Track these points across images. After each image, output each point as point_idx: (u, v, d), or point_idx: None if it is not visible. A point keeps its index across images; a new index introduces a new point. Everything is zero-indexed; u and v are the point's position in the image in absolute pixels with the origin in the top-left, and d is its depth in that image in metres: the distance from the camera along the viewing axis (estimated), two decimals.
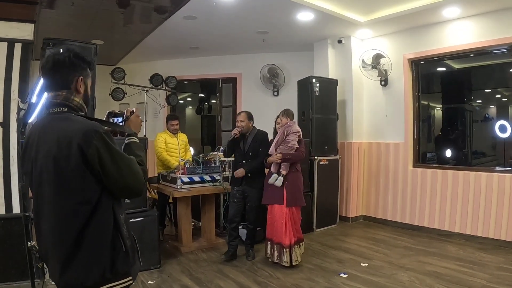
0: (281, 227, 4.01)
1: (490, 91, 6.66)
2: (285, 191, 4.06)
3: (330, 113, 5.88)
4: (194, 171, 4.59)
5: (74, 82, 1.50)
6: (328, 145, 5.76)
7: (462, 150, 6.30)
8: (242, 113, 4.36)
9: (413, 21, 5.47)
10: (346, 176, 6.20)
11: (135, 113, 1.81)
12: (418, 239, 5.21)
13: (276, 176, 4.07)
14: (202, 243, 4.81)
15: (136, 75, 7.38)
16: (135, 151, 1.62)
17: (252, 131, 4.36)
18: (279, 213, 4.05)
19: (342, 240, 5.24)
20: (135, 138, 1.71)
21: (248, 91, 7.52)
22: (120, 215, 1.49)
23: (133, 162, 1.50)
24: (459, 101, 6.49)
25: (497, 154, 6.05)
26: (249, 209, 4.33)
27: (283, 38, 6.37)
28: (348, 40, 6.21)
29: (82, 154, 1.34)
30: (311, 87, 5.62)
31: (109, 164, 1.39)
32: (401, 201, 5.86)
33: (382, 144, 6.11)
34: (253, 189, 4.27)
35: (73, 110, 1.49)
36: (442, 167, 5.57)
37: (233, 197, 4.34)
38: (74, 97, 1.50)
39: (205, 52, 7.33)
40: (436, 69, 6.28)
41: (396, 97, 5.93)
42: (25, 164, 1.51)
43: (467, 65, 6.27)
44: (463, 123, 6.67)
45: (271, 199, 4.12)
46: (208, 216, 4.87)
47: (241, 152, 4.32)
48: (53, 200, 1.38)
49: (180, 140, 5.55)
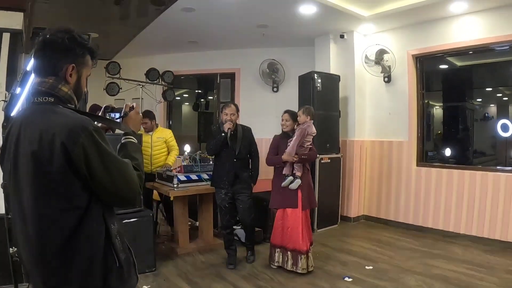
0: (298, 232, 3.75)
1: (491, 90, 6.56)
2: (300, 193, 3.81)
3: (332, 109, 5.70)
4: (191, 169, 4.39)
5: (64, 69, 1.29)
6: (330, 143, 5.59)
7: (464, 149, 6.17)
8: (232, 105, 3.94)
9: (419, 16, 5.30)
10: (347, 175, 6.03)
11: (135, 109, 1.60)
12: (423, 240, 5.06)
13: (292, 178, 3.80)
14: (199, 244, 4.62)
15: (132, 70, 7.16)
16: (131, 153, 1.41)
17: (238, 127, 4.03)
18: (294, 217, 3.78)
19: (344, 241, 5.07)
20: (133, 138, 1.49)
21: (247, 87, 7.32)
22: (112, 224, 1.29)
23: (128, 167, 1.30)
24: (460, 99, 6.34)
25: (497, 154, 5.96)
26: (242, 211, 3.98)
27: (283, 32, 6.17)
28: (351, 35, 6.03)
29: (66, 154, 1.14)
30: (313, 83, 5.43)
31: (97, 168, 1.19)
32: (404, 201, 5.71)
33: (385, 142, 5.95)
34: (244, 191, 3.96)
35: (61, 101, 1.28)
36: (447, 167, 5.42)
37: (222, 201, 3.97)
38: (61, 86, 1.28)
39: (203, 46, 7.12)
40: (438, 67, 6.11)
41: (399, 94, 5.76)
42: (5, 162, 1.31)
43: (469, 62, 6.15)
44: (464, 122, 6.55)
45: (284, 203, 3.84)
46: (205, 216, 4.68)
47: (230, 151, 3.90)
48: (33, 206, 1.18)
49: (155, 137, 5.03)
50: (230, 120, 3.87)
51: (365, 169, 6.15)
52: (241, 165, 3.97)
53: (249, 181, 4.02)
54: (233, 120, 3.91)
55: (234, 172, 3.90)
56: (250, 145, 4.06)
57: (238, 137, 3.97)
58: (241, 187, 3.95)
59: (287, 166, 3.85)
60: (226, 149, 3.91)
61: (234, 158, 3.92)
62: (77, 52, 1.31)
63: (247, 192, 3.97)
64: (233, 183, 3.91)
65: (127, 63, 7.17)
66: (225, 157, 3.94)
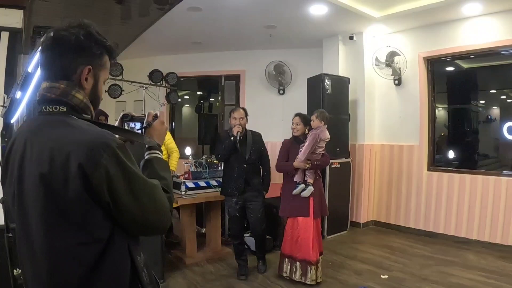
0: (308, 242, 3.56)
1: (495, 92, 6.49)
2: (312, 201, 3.63)
3: (342, 113, 5.56)
4: (199, 175, 4.23)
5: (79, 72, 1.07)
6: (340, 147, 5.44)
7: (471, 153, 6.06)
8: (240, 109, 3.82)
9: (431, 18, 5.18)
10: (357, 180, 5.88)
11: (159, 118, 1.37)
12: (435, 246, 4.93)
13: (303, 186, 3.61)
14: (207, 253, 4.45)
15: (134, 71, 6.97)
16: (159, 172, 1.21)
17: (248, 132, 3.87)
18: (305, 226, 3.59)
19: (356, 248, 4.92)
20: (159, 153, 1.28)
21: (252, 89, 7.16)
22: (138, 256, 1.10)
23: (157, 190, 1.10)
24: (465, 101, 6.26)
25: (500, 156, 5.87)
26: (254, 220, 3.82)
27: (291, 33, 6.03)
28: (360, 36, 5.89)
29: (84, 179, 0.93)
30: (322, 85, 5.28)
31: (124, 194, 0.99)
32: (415, 206, 5.57)
33: (395, 146, 5.81)
34: (256, 199, 3.80)
35: (75, 111, 1.06)
36: (459, 171, 5.29)
37: (232, 210, 3.81)
38: (76, 93, 1.06)
39: (208, 47, 6.96)
40: (444, 69, 5.98)
41: (410, 97, 5.63)
42: (6, 184, 1.09)
43: (476, 65, 6.07)
44: (470, 124, 6.44)
45: (295, 211, 3.66)
46: (213, 224, 4.51)
47: (240, 156, 3.74)
48: (43, 239, 0.97)
49: None
50: (239, 125, 3.72)
51: (375, 174, 6.01)
52: (251, 170, 3.80)
53: (261, 188, 3.86)
54: (242, 124, 3.76)
55: (245, 178, 3.74)
56: (260, 151, 3.89)
57: (248, 141, 3.81)
58: (252, 194, 3.78)
59: (298, 173, 3.67)
60: (236, 154, 3.75)
61: (244, 163, 3.75)
62: (94, 51, 1.09)
63: (258, 200, 3.80)
64: (243, 190, 3.75)
65: (129, 65, 6.98)
66: (234, 163, 3.78)
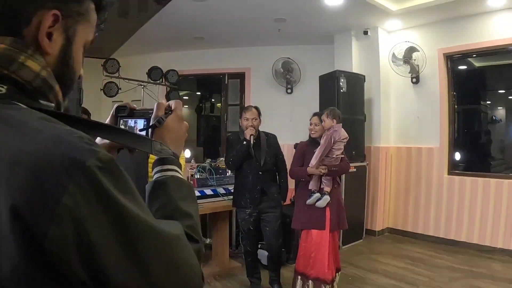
0: (324, 258, 3.13)
1: (504, 92, 6.15)
2: (329, 212, 3.20)
3: (357, 113, 5.16)
4: (205, 182, 3.81)
5: (36, 22, 0.58)
6: (355, 150, 5.04)
7: (486, 156, 5.70)
8: (253, 109, 3.40)
9: (452, 11, 4.80)
10: (372, 185, 5.49)
11: (176, 111, 0.81)
12: (459, 256, 4.56)
13: (318, 195, 3.19)
14: (214, 269, 4.02)
15: (132, 69, 6.56)
16: (179, 204, 0.70)
17: (261, 134, 3.44)
18: (320, 240, 3.16)
19: (375, 259, 4.53)
20: (177, 170, 0.76)
21: (258, 88, 6.71)
22: None
23: (179, 243, 0.58)
24: (475, 102, 5.95)
25: (506, 158, 5.60)
26: (270, 234, 3.38)
27: (301, 27, 5.62)
28: (375, 31, 5.50)
29: (28, 237, 0.45)
30: (337, 83, 4.89)
31: (114, 262, 0.48)
32: (434, 213, 5.19)
33: (413, 148, 5.42)
34: (273, 210, 3.37)
35: (23, 92, 0.56)
36: (483, 175, 4.92)
37: (246, 223, 3.39)
38: (27, 60, 0.57)
39: (210, 43, 6.53)
40: (457, 67, 5.60)
41: (429, 96, 5.25)
42: None
43: (489, 63, 5.72)
44: (479, 125, 6.11)
45: (308, 223, 3.23)
46: (220, 235, 4.09)
47: (254, 162, 3.33)
48: None
49: None
50: (252, 126, 3.29)
51: (390, 178, 5.62)
52: (268, 178, 3.38)
53: (278, 198, 3.43)
54: (256, 125, 3.33)
55: (261, 187, 3.31)
56: (276, 155, 3.47)
57: (262, 145, 3.38)
58: (268, 205, 3.34)
59: (313, 180, 3.22)
60: (249, 161, 3.32)
61: (260, 170, 3.31)
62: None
63: (276, 211, 3.37)
64: (259, 200, 3.32)
65: (126, 62, 6.57)
66: (248, 170, 3.34)
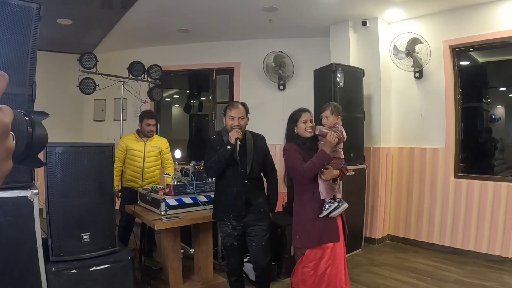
0: (340, 271, 2.70)
1: (505, 90, 5.78)
2: (341, 221, 2.80)
3: (356, 111, 4.71)
4: (184, 190, 3.34)
5: None
6: (354, 152, 4.59)
7: (491, 157, 5.30)
8: (239, 105, 2.88)
9: (459, 0, 4.37)
10: (371, 189, 5.06)
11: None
12: (466, 268, 4.16)
13: (335, 204, 2.70)
14: (196, 285, 3.57)
15: (112, 65, 6.12)
16: None
17: (247, 135, 2.94)
18: (334, 254, 2.70)
19: (375, 273, 4.08)
20: None
21: (248, 85, 6.25)
22: None
23: None
24: (478, 99, 5.54)
25: (506, 158, 5.28)
26: (256, 251, 2.88)
27: (294, 17, 5.16)
28: (374, 22, 5.06)
29: None
30: (333, 78, 4.44)
31: None
32: (439, 219, 4.76)
33: (416, 149, 4.98)
34: (259, 223, 2.87)
35: None
36: (493, 178, 4.50)
37: (228, 238, 2.88)
38: None
39: (196, 36, 6.07)
40: (462, 61, 5.17)
41: (434, 92, 4.82)
42: None
43: (493, 58, 5.31)
44: (482, 124, 5.71)
45: (323, 238, 2.71)
46: (203, 249, 3.62)
47: (239, 169, 2.83)
48: None
49: (150, 146, 4.14)
50: (238, 126, 2.78)
51: (391, 182, 5.18)
52: (254, 187, 2.88)
53: (266, 209, 2.93)
54: (242, 126, 2.82)
55: (246, 198, 2.82)
56: (264, 160, 2.99)
57: (248, 149, 2.87)
58: (254, 217, 2.85)
59: (325, 188, 2.70)
60: (233, 167, 2.82)
61: (245, 178, 2.82)
62: None
63: (263, 224, 2.87)
64: (244, 213, 2.83)
65: (106, 58, 6.13)
66: (232, 178, 2.83)
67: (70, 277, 2.46)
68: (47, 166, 2.51)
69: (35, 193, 2.29)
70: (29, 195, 2.27)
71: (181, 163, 4.41)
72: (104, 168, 2.71)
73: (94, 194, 2.66)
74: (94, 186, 2.65)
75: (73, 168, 2.58)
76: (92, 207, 2.65)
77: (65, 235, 2.54)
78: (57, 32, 5.66)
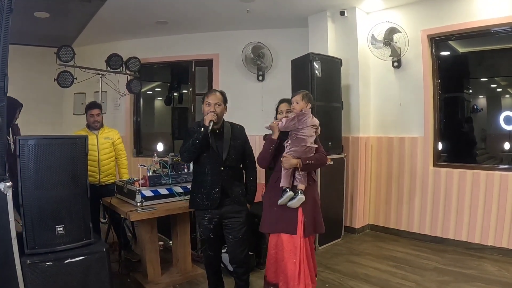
0: (294, 268, 2.63)
1: (486, 80, 5.87)
2: (302, 213, 2.70)
3: (334, 100, 4.71)
4: (159, 181, 3.31)
5: None
6: (332, 141, 4.60)
7: (471, 146, 5.37)
8: (217, 93, 2.85)
9: None
10: (351, 178, 5.08)
11: None
12: (446, 256, 4.21)
13: (291, 194, 2.68)
14: (174, 276, 3.54)
15: (90, 58, 6.03)
16: None
17: (225, 124, 2.93)
18: (290, 247, 2.67)
19: (354, 262, 4.12)
20: None
21: (227, 76, 6.22)
22: None
23: None
24: (459, 90, 5.58)
25: (488, 148, 5.36)
26: (233, 244, 2.85)
27: (271, 9, 5.14)
28: (352, 12, 5.07)
29: None
30: (310, 68, 4.43)
31: None
32: (419, 208, 4.82)
33: (394, 138, 5.02)
34: (236, 215, 2.85)
35: None
36: (471, 167, 4.54)
37: (205, 230, 2.86)
38: None
39: (175, 28, 6.01)
40: (439, 53, 5.20)
41: (412, 82, 4.85)
42: None
43: (474, 48, 5.36)
44: (462, 114, 5.78)
45: (278, 226, 2.73)
46: (181, 240, 3.60)
47: (215, 155, 2.80)
48: None
49: (102, 137, 4.09)
50: (214, 112, 2.75)
51: (371, 171, 5.22)
52: (230, 175, 2.84)
53: (243, 201, 2.90)
54: (218, 112, 2.78)
55: (222, 186, 2.79)
56: (243, 149, 2.95)
57: (226, 136, 2.85)
58: (231, 208, 2.82)
59: (284, 176, 2.71)
60: (209, 153, 2.78)
61: (221, 165, 2.79)
62: None
63: (240, 216, 2.84)
64: (220, 203, 2.79)
65: (85, 52, 6.05)
66: (207, 164, 2.80)
67: (45, 270, 2.42)
68: (20, 159, 2.46)
69: (8, 186, 2.24)
70: (2, 187, 2.23)
71: (160, 155, 4.37)
72: (78, 160, 2.67)
73: (68, 185, 2.61)
74: (68, 178, 2.61)
75: (46, 160, 2.53)
76: (66, 199, 2.60)
77: (40, 228, 2.49)
78: (34, 25, 5.56)
